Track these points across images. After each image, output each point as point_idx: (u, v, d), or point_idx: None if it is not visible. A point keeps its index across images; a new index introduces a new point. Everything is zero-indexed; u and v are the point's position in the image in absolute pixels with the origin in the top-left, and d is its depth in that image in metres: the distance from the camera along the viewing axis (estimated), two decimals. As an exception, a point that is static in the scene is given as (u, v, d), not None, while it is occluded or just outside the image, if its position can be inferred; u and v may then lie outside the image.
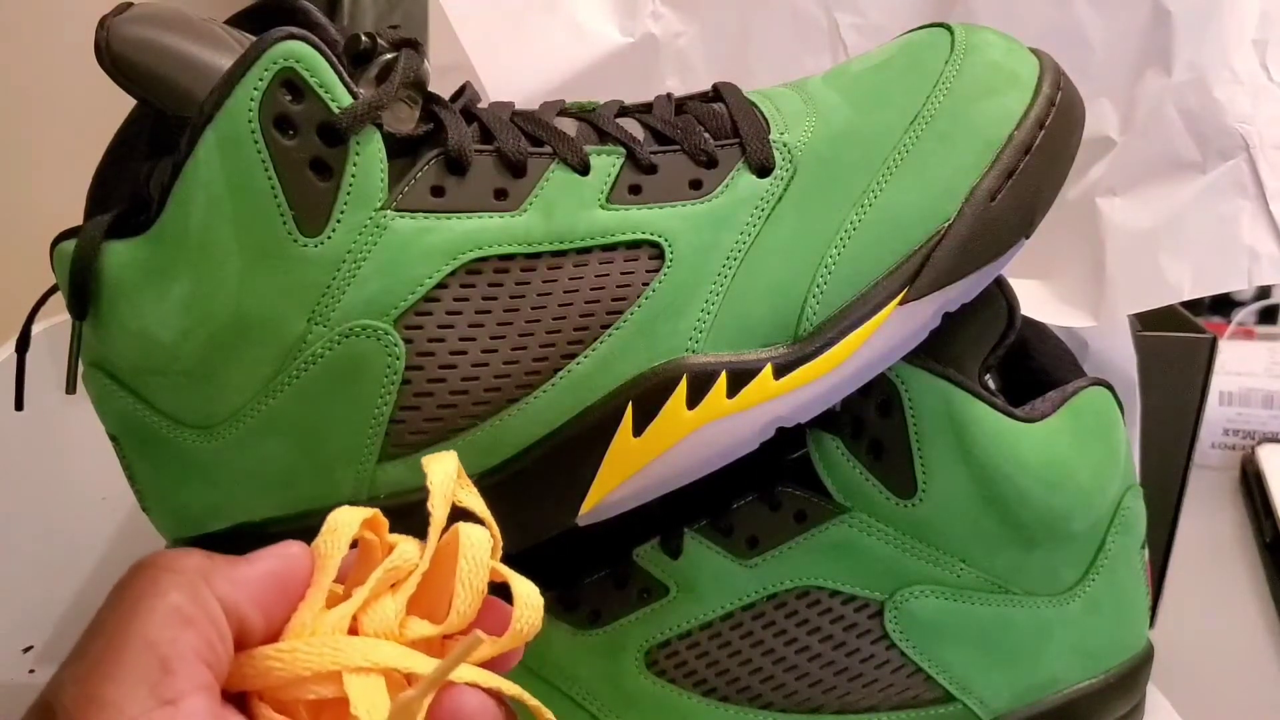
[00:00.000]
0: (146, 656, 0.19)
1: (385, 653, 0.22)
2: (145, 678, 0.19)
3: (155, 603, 0.20)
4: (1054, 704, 0.35)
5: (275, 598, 0.22)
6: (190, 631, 0.20)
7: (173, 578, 0.21)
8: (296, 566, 0.23)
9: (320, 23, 0.31)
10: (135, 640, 0.19)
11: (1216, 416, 0.64)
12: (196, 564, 0.21)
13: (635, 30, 0.46)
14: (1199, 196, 0.40)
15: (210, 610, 0.21)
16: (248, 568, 0.22)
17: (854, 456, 0.33)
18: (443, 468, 0.25)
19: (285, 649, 0.21)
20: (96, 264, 0.28)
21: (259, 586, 0.22)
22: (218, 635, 0.20)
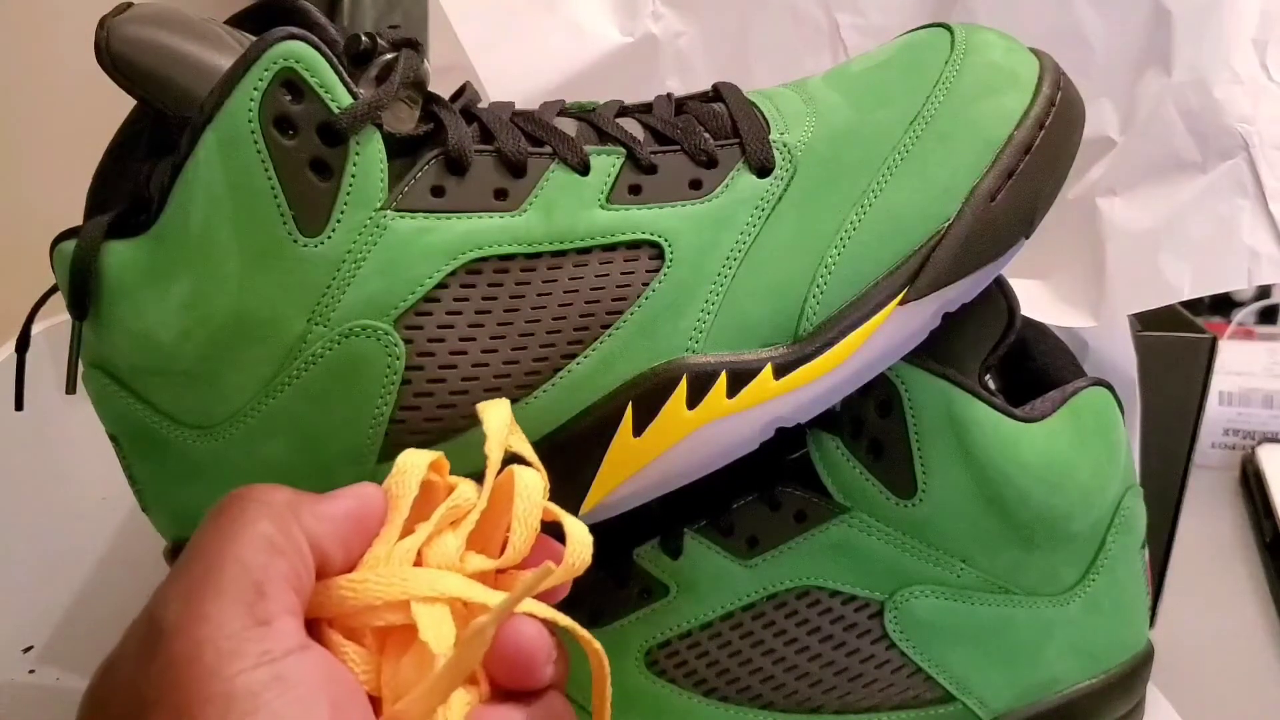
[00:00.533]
0: (243, 579, 0.20)
1: (450, 583, 0.23)
2: (242, 597, 0.20)
3: (249, 530, 0.21)
4: (1054, 704, 0.35)
5: (353, 533, 0.23)
6: (280, 559, 0.21)
7: (263, 509, 0.22)
8: (372, 506, 0.24)
9: (320, 23, 0.31)
10: (232, 563, 0.21)
11: (1216, 416, 0.64)
12: (285, 498, 0.23)
13: (635, 30, 0.46)
14: (1199, 196, 0.40)
15: (297, 541, 0.22)
16: (329, 505, 0.23)
17: (854, 456, 0.33)
18: (497, 413, 0.26)
19: (358, 579, 0.23)
20: (96, 264, 0.28)
21: (339, 522, 0.23)
22: (303, 565, 0.22)
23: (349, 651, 0.23)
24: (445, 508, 0.25)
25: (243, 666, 0.19)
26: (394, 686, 0.22)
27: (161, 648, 0.20)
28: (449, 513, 0.25)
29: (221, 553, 0.21)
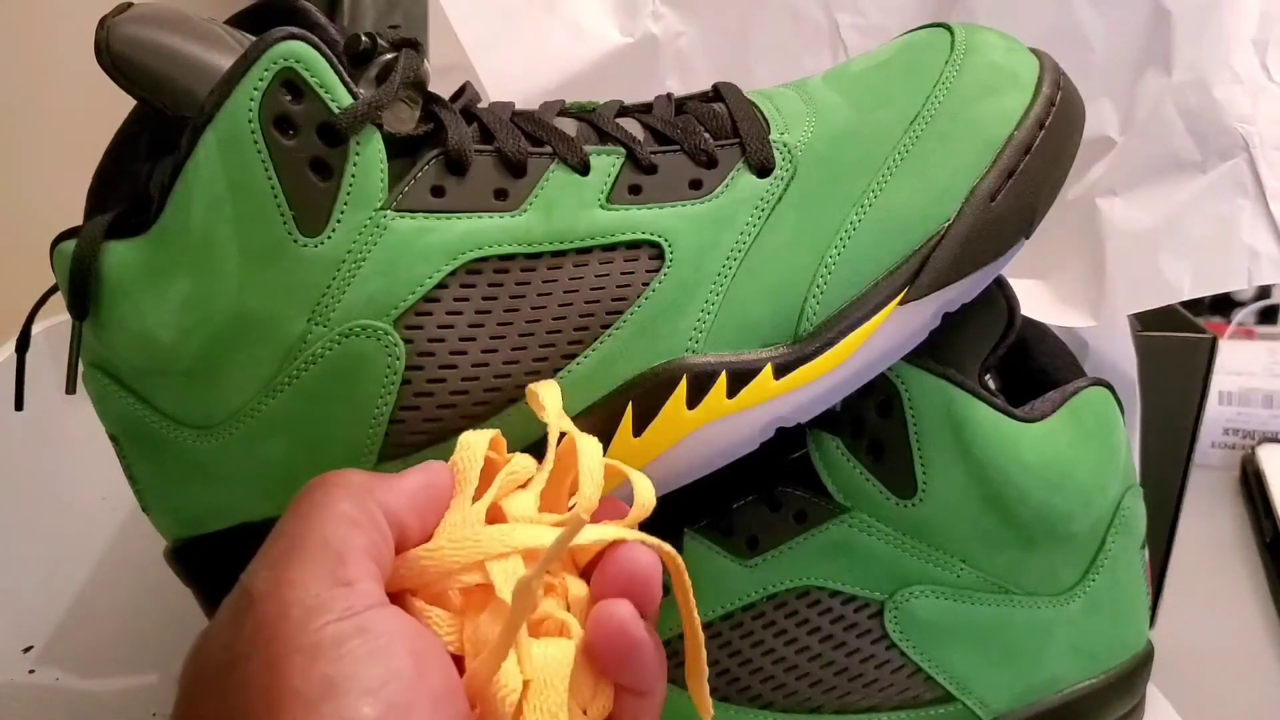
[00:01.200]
0: (325, 550, 0.22)
1: (519, 536, 0.24)
2: (325, 564, 0.22)
3: (328, 510, 0.23)
4: (1054, 704, 0.35)
5: (426, 504, 0.25)
6: (359, 532, 0.23)
7: (342, 490, 0.23)
8: (442, 480, 0.25)
9: (320, 23, 0.31)
10: (314, 538, 0.22)
11: (1216, 416, 0.64)
12: (361, 479, 0.24)
13: (635, 30, 0.46)
14: (1199, 196, 0.40)
15: (375, 516, 0.23)
16: (402, 481, 0.25)
17: (854, 456, 0.33)
18: (551, 391, 0.28)
19: (433, 547, 0.24)
20: (96, 264, 0.28)
21: (413, 496, 0.25)
22: (381, 537, 0.23)
23: (433, 615, 0.24)
24: (506, 473, 0.26)
25: (328, 619, 0.21)
26: (474, 643, 0.24)
27: (252, 611, 0.21)
28: (511, 478, 0.26)
29: (305, 530, 0.23)
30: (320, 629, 0.21)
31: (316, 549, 0.22)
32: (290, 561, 0.22)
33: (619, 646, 0.24)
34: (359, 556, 0.22)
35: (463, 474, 0.26)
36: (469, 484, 0.25)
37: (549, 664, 0.23)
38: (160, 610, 0.44)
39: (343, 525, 0.23)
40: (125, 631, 0.43)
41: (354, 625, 0.21)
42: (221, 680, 0.21)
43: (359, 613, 0.21)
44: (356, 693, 0.20)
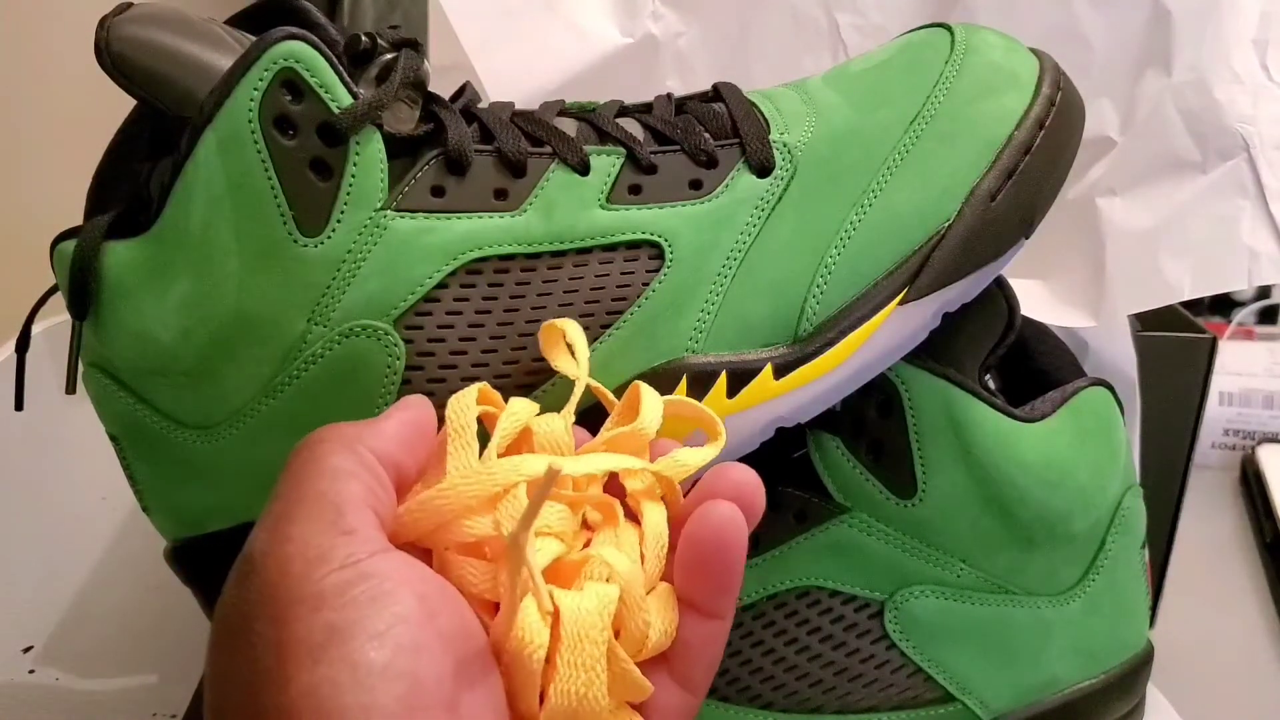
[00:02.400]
0: (321, 503, 0.22)
1: (532, 464, 0.23)
2: (323, 517, 0.22)
3: (319, 466, 0.23)
4: (1054, 704, 0.35)
5: (415, 439, 0.25)
6: (353, 482, 0.23)
7: (330, 444, 0.23)
8: (424, 412, 0.26)
9: (320, 23, 0.31)
10: (309, 494, 0.22)
11: (1216, 416, 0.64)
12: (348, 430, 0.24)
13: (635, 30, 0.46)
14: (1199, 196, 0.40)
15: (368, 463, 0.23)
16: (386, 422, 0.25)
17: (854, 456, 0.33)
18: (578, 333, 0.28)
19: (446, 487, 0.23)
20: (96, 264, 0.28)
21: (399, 434, 0.25)
22: (378, 482, 0.23)
23: (466, 567, 0.23)
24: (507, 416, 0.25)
25: (330, 568, 0.21)
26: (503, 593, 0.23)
27: (254, 571, 0.21)
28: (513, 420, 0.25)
29: (299, 488, 0.23)
30: (322, 578, 0.21)
31: (313, 503, 0.22)
32: (289, 519, 0.22)
33: (716, 544, 0.23)
34: (357, 505, 0.22)
35: (459, 424, 0.25)
36: (468, 429, 0.25)
37: (582, 616, 0.22)
38: (160, 610, 0.44)
39: (337, 478, 0.23)
40: (125, 631, 0.43)
41: (357, 572, 0.21)
42: (234, 641, 0.21)
43: (361, 560, 0.21)
44: (362, 637, 0.20)
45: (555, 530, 0.24)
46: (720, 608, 0.24)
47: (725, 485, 0.24)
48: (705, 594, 0.24)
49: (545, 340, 0.28)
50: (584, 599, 0.22)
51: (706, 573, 0.24)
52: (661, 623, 0.24)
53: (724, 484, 0.24)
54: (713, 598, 0.24)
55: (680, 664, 0.24)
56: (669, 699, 0.24)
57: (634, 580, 0.23)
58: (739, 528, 0.24)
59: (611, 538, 0.24)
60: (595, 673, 0.22)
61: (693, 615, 0.24)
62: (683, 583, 0.24)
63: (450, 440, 0.24)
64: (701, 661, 0.24)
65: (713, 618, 0.24)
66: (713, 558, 0.24)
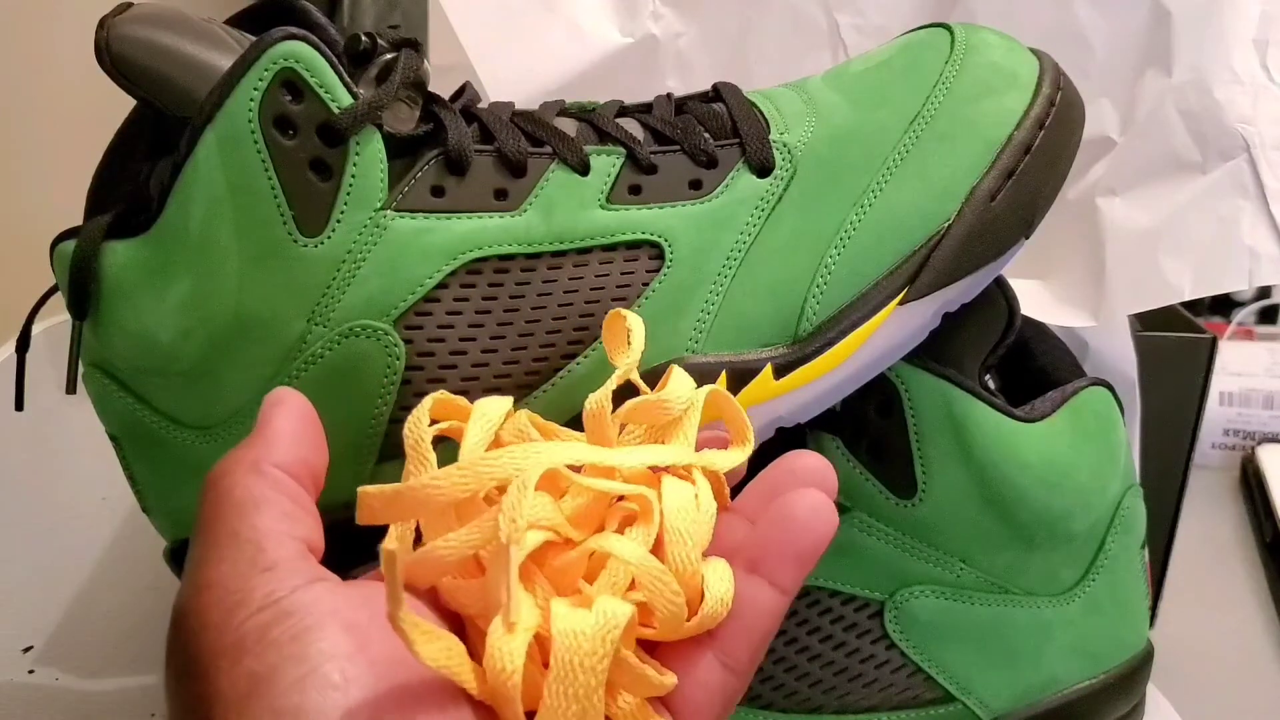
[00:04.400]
0: (236, 542, 0.21)
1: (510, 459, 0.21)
2: (241, 557, 0.21)
3: (228, 503, 0.22)
4: (1054, 704, 0.35)
5: (310, 427, 0.24)
6: (266, 510, 0.22)
7: (232, 477, 0.22)
8: (296, 398, 0.24)
9: (320, 23, 0.31)
10: (223, 535, 0.21)
11: (1216, 416, 0.64)
12: (245, 456, 0.23)
13: (635, 30, 0.46)
14: (1199, 197, 0.40)
15: (277, 482, 0.22)
16: (275, 427, 0.23)
17: (854, 456, 0.33)
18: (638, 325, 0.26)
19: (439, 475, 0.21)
20: (96, 264, 0.28)
21: (294, 430, 0.24)
22: (293, 500, 0.22)
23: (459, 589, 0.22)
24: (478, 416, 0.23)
25: (248, 613, 0.20)
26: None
27: (179, 627, 0.21)
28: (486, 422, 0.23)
29: (211, 533, 0.21)
30: (242, 624, 0.20)
31: (227, 544, 0.21)
32: (205, 564, 0.21)
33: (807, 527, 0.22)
34: (275, 537, 0.21)
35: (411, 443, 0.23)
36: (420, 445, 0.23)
37: (577, 641, 0.19)
38: (160, 610, 0.44)
39: (247, 511, 0.21)
40: (125, 631, 0.43)
41: (276, 612, 0.20)
42: (173, 700, 0.20)
43: (282, 597, 0.20)
44: (285, 683, 0.19)
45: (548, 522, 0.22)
46: (791, 583, 0.23)
47: (799, 475, 0.24)
48: (784, 569, 0.23)
49: (609, 331, 0.27)
50: (582, 620, 0.20)
51: (792, 556, 0.22)
52: (717, 593, 0.22)
53: (798, 474, 0.24)
54: (790, 573, 0.23)
55: (730, 640, 0.22)
56: (710, 677, 0.22)
57: (646, 567, 0.21)
58: (831, 517, 0.23)
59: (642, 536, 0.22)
60: (590, 703, 0.19)
61: (757, 584, 0.23)
62: (760, 562, 0.23)
63: (407, 464, 0.23)
64: (753, 638, 0.23)
65: (779, 589, 0.23)
66: (801, 543, 0.22)
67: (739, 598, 0.22)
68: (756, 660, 0.23)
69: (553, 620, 0.20)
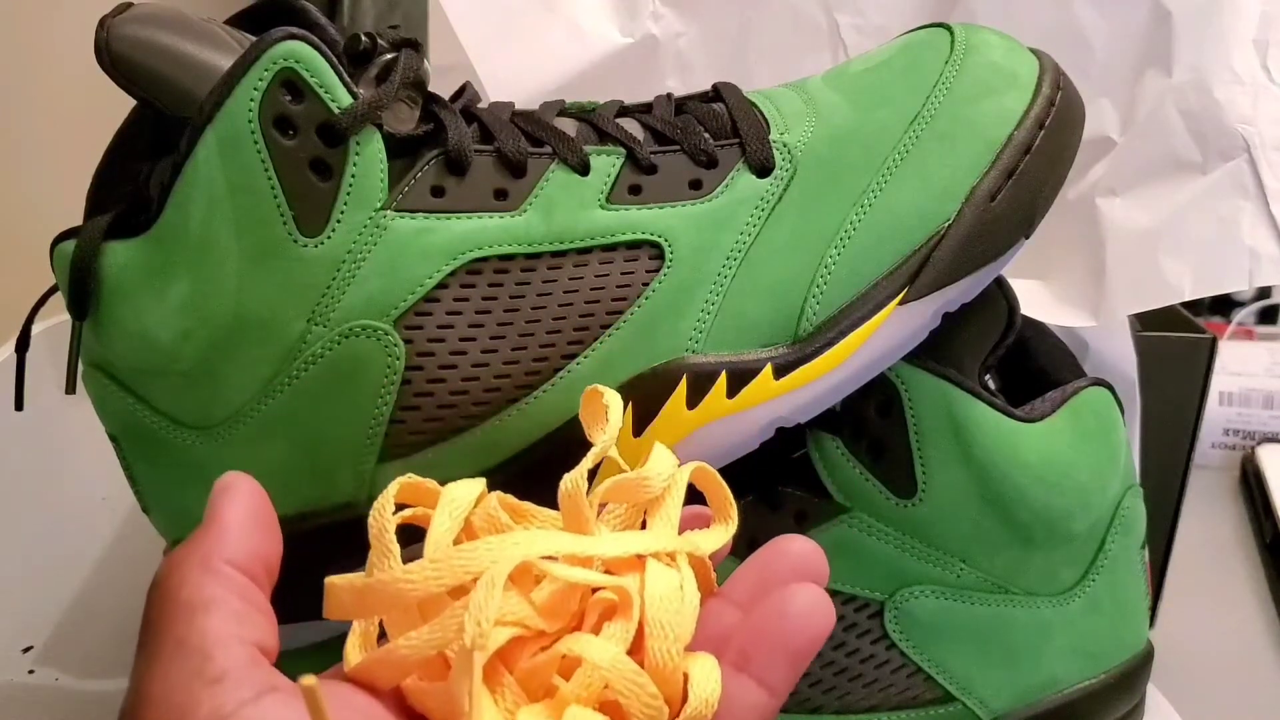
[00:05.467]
0: (182, 652, 0.20)
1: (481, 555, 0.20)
2: (185, 668, 0.19)
3: (174, 606, 0.20)
4: (1054, 704, 0.35)
5: (263, 518, 0.23)
6: (215, 615, 0.20)
7: (179, 575, 0.21)
8: (247, 484, 0.23)
9: (320, 23, 0.31)
10: (167, 643, 0.20)
11: (1216, 416, 0.64)
12: (193, 553, 0.21)
13: (635, 30, 0.46)
14: (1199, 197, 0.40)
15: (229, 581, 0.21)
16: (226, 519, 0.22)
17: (854, 456, 0.33)
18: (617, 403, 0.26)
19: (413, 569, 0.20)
20: (96, 264, 0.28)
21: (248, 523, 0.22)
22: (245, 600, 0.21)
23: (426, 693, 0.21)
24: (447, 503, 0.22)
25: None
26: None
27: None
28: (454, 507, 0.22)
29: (158, 637, 0.20)
30: None
31: (172, 653, 0.20)
32: (149, 676, 0.19)
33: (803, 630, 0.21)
34: (224, 643, 0.20)
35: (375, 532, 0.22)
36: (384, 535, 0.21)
37: None
38: (160, 610, 0.44)
39: (195, 614, 0.20)
40: (125, 631, 0.43)
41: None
42: None
43: (228, 715, 0.18)
44: None
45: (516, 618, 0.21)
46: (782, 685, 0.22)
47: (792, 560, 0.23)
48: (774, 670, 0.22)
49: (586, 408, 0.26)
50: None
51: (784, 655, 0.21)
52: (702, 693, 0.21)
53: (791, 559, 0.23)
54: (781, 675, 0.22)
55: None
56: None
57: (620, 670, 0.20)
58: (828, 614, 0.22)
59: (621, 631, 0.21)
60: None
61: (746, 684, 0.22)
62: (750, 659, 0.22)
63: (370, 555, 0.21)
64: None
65: (769, 690, 0.22)
66: (796, 642, 0.21)
67: (725, 698, 0.21)
68: None
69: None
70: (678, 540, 0.23)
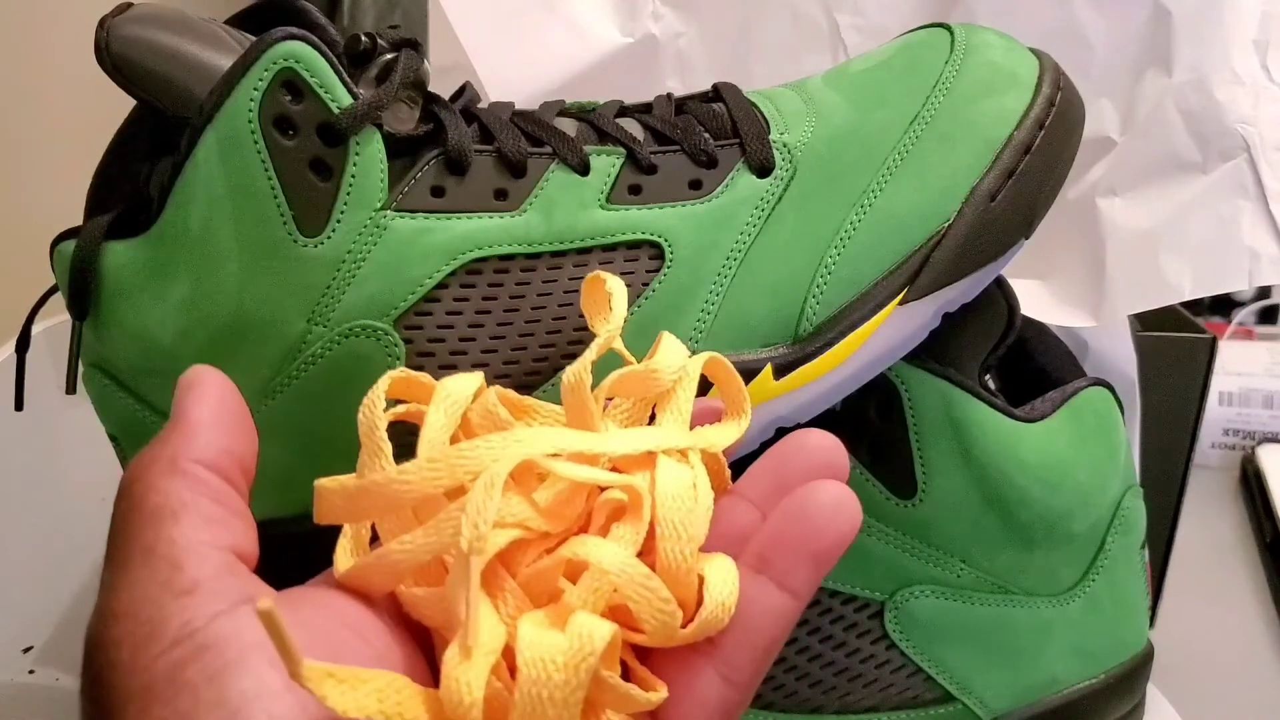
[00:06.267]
0: (150, 562, 0.18)
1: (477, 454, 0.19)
2: (155, 578, 0.18)
3: (139, 513, 0.19)
4: (1054, 704, 0.35)
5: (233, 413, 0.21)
6: (184, 522, 0.19)
7: (145, 480, 0.20)
8: (214, 378, 0.21)
9: (320, 23, 0.31)
10: (134, 553, 0.19)
11: (1216, 416, 0.64)
12: (160, 455, 0.20)
13: (635, 30, 0.46)
14: (1199, 197, 0.40)
15: (199, 482, 0.20)
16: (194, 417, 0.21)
17: (854, 457, 0.33)
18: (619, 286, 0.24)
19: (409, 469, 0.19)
20: (96, 264, 0.28)
21: (217, 418, 0.21)
22: (216, 504, 0.20)
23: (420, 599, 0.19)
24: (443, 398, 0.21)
25: (160, 649, 0.17)
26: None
27: (86, 666, 0.18)
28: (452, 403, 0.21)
29: (125, 546, 0.19)
30: (152, 664, 0.17)
31: (140, 564, 0.18)
32: (115, 591, 0.18)
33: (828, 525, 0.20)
34: (195, 551, 0.18)
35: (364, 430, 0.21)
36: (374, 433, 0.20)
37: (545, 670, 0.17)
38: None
39: (162, 520, 0.19)
40: (125, 631, 0.43)
41: (191, 647, 0.17)
42: None
43: (199, 628, 0.17)
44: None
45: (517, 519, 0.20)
46: (807, 584, 0.20)
47: (810, 454, 0.21)
48: (795, 575, 0.20)
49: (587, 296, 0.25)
50: (553, 644, 0.18)
51: (807, 556, 0.20)
52: (718, 596, 0.19)
53: (808, 452, 0.21)
54: (804, 576, 0.20)
55: (733, 651, 0.20)
56: (708, 692, 0.20)
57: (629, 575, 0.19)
58: (854, 512, 0.20)
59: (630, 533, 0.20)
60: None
61: (766, 586, 0.20)
62: (770, 561, 0.20)
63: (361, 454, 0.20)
64: (759, 648, 0.20)
65: (791, 593, 0.20)
66: (820, 543, 0.20)
67: (744, 602, 0.20)
68: (761, 673, 0.20)
69: (519, 646, 0.18)
70: (690, 436, 0.22)
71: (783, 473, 0.22)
